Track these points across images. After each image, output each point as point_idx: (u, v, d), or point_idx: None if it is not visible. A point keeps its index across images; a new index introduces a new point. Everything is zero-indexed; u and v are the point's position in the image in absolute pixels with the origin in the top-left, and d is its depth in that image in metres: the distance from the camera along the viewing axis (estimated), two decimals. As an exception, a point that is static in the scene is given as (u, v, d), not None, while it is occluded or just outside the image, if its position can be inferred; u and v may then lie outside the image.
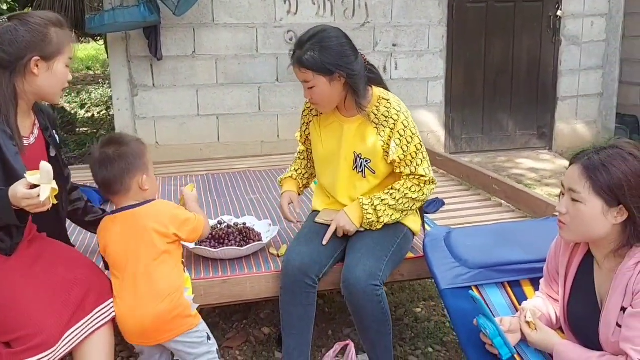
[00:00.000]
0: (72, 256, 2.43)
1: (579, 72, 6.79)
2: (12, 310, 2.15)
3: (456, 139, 6.67)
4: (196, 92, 5.74)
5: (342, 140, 2.68)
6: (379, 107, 2.62)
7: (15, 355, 2.11)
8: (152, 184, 2.31)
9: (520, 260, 2.50)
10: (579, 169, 1.93)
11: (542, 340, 2.08)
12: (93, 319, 2.28)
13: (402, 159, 2.60)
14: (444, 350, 3.08)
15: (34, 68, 2.20)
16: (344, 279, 2.49)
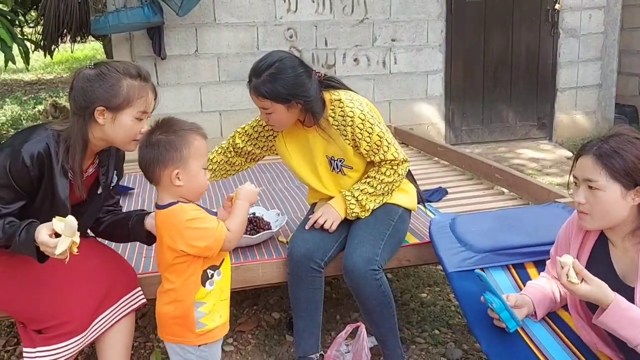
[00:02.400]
0: (98, 248, 2.52)
1: (577, 64, 6.84)
2: (43, 301, 2.25)
3: (456, 130, 6.73)
4: (199, 90, 5.82)
5: (311, 148, 2.76)
6: (334, 109, 2.67)
7: (46, 340, 2.21)
8: (189, 180, 2.07)
9: (525, 244, 2.58)
10: (591, 159, 1.99)
11: (596, 292, 1.93)
12: (119, 307, 2.40)
13: (369, 150, 2.66)
14: (450, 332, 3.15)
15: (98, 117, 2.20)
16: (344, 266, 2.58)
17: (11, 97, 10.97)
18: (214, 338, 2.15)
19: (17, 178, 2.13)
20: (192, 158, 2.05)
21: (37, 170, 2.14)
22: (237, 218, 2.15)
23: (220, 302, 2.14)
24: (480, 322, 2.33)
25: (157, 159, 2.04)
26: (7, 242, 2.13)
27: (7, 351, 3.11)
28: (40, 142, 2.16)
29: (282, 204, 3.53)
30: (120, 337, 2.43)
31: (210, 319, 2.11)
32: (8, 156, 2.13)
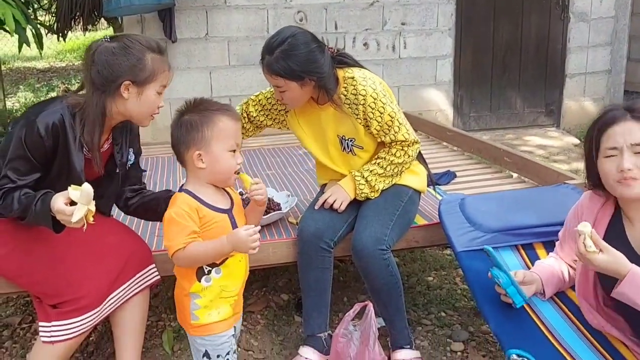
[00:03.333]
0: (113, 225, 2.56)
1: (587, 49, 6.81)
2: (58, 277, 2.29)
3: (464, 117, 6.72)
4: (209, 74, 5.83)
5: (323, 127, 2.77)
6: (347, 87, 2.67)
7: (62, 315, 2.26)
8: (212, 163, 2.02)
9: (534, 224, 2.59)
10: (634, 122, 1.96)
11: (613, 262, 1.91)
12: (134, 283, 2.44)
13: (380, 130, 2.66)
14: (456, 314, 3.17)
15: (124, 92, 2.21)
16: (353, 246, 2.60)
17: (24, 84, 11.02)
18: (211, 332, 2.09)
19: (32, 149, 2.16)
20: (215, 139, 2.00)
21: (52, 140, 2.17)
22: (204, 249, 1.99)
23: (220, 299, 2.08)
24: (488, 301, 2.36)
25: (180, 139, 2.03)
26: (23, 214, 2.16)
27: (22, 328, 3.15)
28: (55, 113, 2.18)
29: (291, 187, 3.56)
30: (135, 313, 2.48)
31: (205, 314, 2.07)
32: (23, 127, 2.16)
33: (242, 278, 2.16)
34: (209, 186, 2.07)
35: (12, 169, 2.18)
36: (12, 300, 3.43)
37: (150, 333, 3.01)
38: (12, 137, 2.19)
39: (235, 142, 2.04)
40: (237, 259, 2.10)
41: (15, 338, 3.07)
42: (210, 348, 2.11)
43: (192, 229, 1.98)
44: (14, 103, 9.37)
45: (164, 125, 5.96)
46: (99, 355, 2.91)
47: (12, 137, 2.19)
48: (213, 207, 2.04)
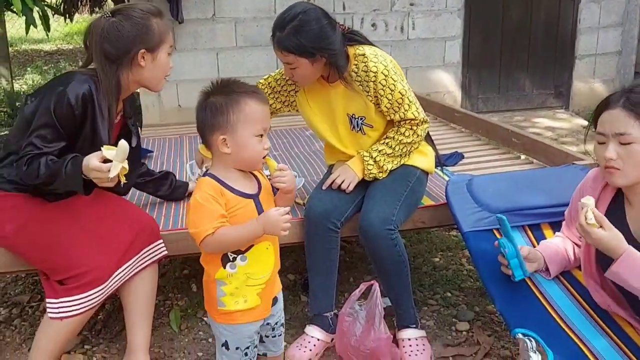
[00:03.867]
0: (122, 203, 2.60)
1: (597, 30, 6.75)
2: (66, 252, 2.32)
3: (473, 98, 6.70)
4: (216, 55, 5.80)
5: (332, 106, 2.76)
6: (358, 64, 2.66)
7: (69, 291, 2.29)
8: (237, 148, 1.93)
9: (541, 205, 2.59)
10: (620, 112, 1.93)
11: (611, 239, 1.91)
12: (141, 257, 2.48)
13: (390, 107, 2.65)
14: (461, 295, 3.19)
15: (140, 60, 2.29)
16: (360, 226, 2.60)
17: (32, 66, 11.07)
18: (236, 320, 2.03)
19: (61, 118, 2.19)
20: (241, 124, 1.91)
21: (81, 110, 2.21)
22: (234, 233, 1.93)
23: (246, 287, 2.00)
24: (494, 281, 2.36)
25: (205, 122, 1.95)
26: (50, 178, 2.19)
27: (31, 307, 3.19)
28: (84, 83, 2.23)
29: (298, 168, 3.57)
30: (144, 287, 2.51)
31: (232, 301, 2.00)
32: (53, 96, 2.20)
33: (271, 267, 2.05)
34: (235, 171, 1.99)
35: (38, 137, 2.20)
36: (20, 279, 3.47)
37: (157, 312, 3.03)
38: (36, 111, 2.22)
39: (262, 126, 1.94)
40: (263, 247, 2.01)
41: (24, 316, 3.11)
42: (231, 339, 2.07)
43: (220, 212, 1.91)
44: (21, 85, 9.41)
45: (171, 107, 6.01)
46: (107, 332, 2.95)
47: (36, 111, 2.22)
48: (238, 191, 1.97)
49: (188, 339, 2.89)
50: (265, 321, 2.13)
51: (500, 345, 2.76)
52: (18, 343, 2.88)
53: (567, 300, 2.30)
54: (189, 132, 4.54)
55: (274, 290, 2.14)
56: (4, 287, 3.41)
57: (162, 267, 3.47)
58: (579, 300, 2.30)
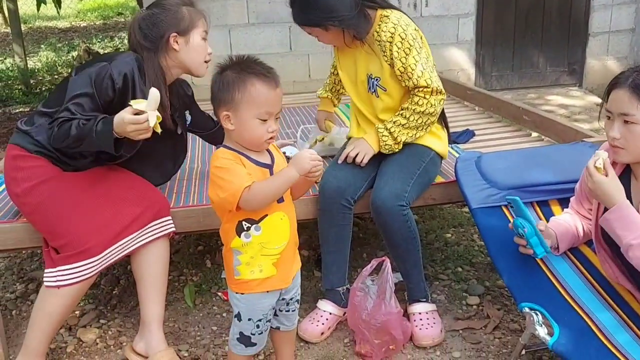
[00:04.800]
0: (134, 180, 2.63)
1: (611, 7, 6.68)
2: (65, 219, 2.38)
3: (486, 76, 6.68)
4: (228, 32, 5.82)
5: (356, 66, 2.82)
6: (380, 25, 2.70)
7: (65, 259, 2.35)
8: (240, 126, 1.95)
9: (549, 181, 2.60)
10: (627, 91, 1.95)
11: (611, 186, 1.99)
12: (148, 230, 2.52)
13: (403, 72, 2.67)
14: (472, 270, 3.23)
15: (173, 44, 2.44)
16: (372, 201, 2.63)
17: (46, 43, 11.11)
18: (251, 289, 2.06)
19: (100, 89, 2.32)
20: (244, 104, 1.92)
21: (122, 85, 2.33)
22: (270, 183, 1.96)
23: (261, 256, 2.02)
24: (502, 256, 2.40)
25: (214, 95, 1.98)
26: (79, 140, 2.29)
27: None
28: (128, 64, 2.37)
29: (309, 145, 3.57)
30: (153, 259, 2.55)
31: (247, 270, 2.03)
32: (96, 68, 2.33)
33: (286, 237, 2.06)
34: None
35: (75, 104, 2.31)
36: (36, 255, 3.54)
37: (172, 287, 3.09)
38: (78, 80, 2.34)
39: (266, 110, 1.93)
40: (277, 217, 2.03)
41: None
42: (244, 310, 2.09)
43: (246, 171, 1.94)
44: (35, 62, 9.45)
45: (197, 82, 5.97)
46: (123, 307, 3.01)
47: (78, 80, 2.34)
48: (254, 160, 1.99)
49: (202, 314, 2.94)
50: (281, 296, 2.16)
51: (510, 318, 2.80)
52: (36, 317, 2.95)
53: (574, 275, 2.34)
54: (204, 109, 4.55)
55: (293, 265, 2.17)
56: (20, 263, 3.49)
57: (176, 244, 3.53)
58: (586, 276, 2.34)
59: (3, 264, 3.46)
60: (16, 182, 2.45)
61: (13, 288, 3.22)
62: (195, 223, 2.70)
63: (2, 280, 3.29)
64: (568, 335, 2.11)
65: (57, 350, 2.71)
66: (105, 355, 2.67)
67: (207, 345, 2.70)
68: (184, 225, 2.68)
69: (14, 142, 2.49)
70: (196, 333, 2.80)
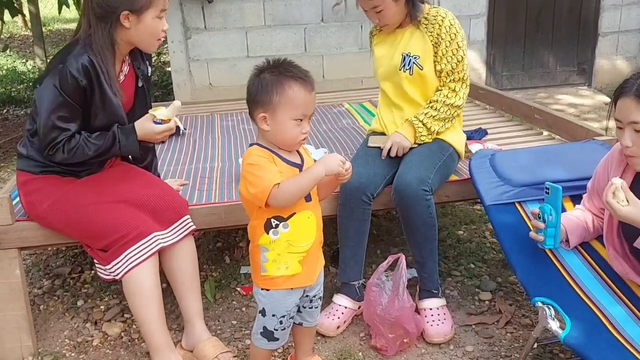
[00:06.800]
0: (148, 178, 2.70)
1: (621, 7, 6.74)
2: (100, 222, 2.42)
3: (497, 75, 6.74)
4: (245, 34, 5.91)
5: (395, 45, 2.94)
6: (429, 12, 2.88)
7: (114, 254, 2.39)
8: (275, 127, 1.99)
9: (562, 178, 2.62)
10: (633, 99, 1.97)
11: (637, 213, 1.98)
12: (174, 230, 2.56)
13: (445, 54, 2.84)
14: (484, 266, 3.29)
15: (124, 21, 2.35)
16: (396, 185, 2.69)
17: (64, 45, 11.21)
18: (277, 286, 2.11)
19: (69, 93, 2.31)
20: (281, 105, 1.96)
21: (86, 79, 2.32)
22: (298, 180, 1.99)
23: (287, 254, 2.07)
24: (516, 251, 2.44)
25: (251, 97, 2.02)
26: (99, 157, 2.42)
27: (72, 278, 3.35)
28: (81, 55, 2.33)
29: (327, 144, 3.66)
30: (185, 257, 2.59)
31: (274, 267, 2.08)
32: (54, 76, 2.30)
33: (313, 236, 2.11)
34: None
35: (58, 119, 2.33)
36: (61, 251, 3.63)
37: (193, 282, 3.16)
38: (44, 92, 2.32)
39: (302, 112, 1.98)
40: (305, 215, 2.07)
41: (65, 287, 3.26)
42: (269, 306, 2.15)
43: (277, 169, 1.99)
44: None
45: (202, 85, 6.14)
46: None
47: (44, 92, 2.32)
48: (285, 159, 2.04)
49: (222, 308, 3.01)
50: (305, 293, 2.22)
51: (521, 314, 2.86)
52: (61, 312, 3.03)
53: (586, 270, 2.38)
54: (220, 110, 4.66)
55: (318, 263, 2.22)
56: (46, 260, 3.57)
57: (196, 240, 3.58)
58: (597, 270, 2.38)
59: (30, 261, 3.55)
60: (34, 206, 2.51)
61: (40, 284, 3.30)
62: (217, 220, 2.77)
63: (30, 276, 3.37)
64: (580, 329, 2.14)
65: (84, 343, 2.79)
66: (130, 349, 2.74)
67: (228, 339, 2.76)
68: (206, 222, 2.75)
69: (19, 168, 2.54)
70: (217, 327, 2.86)
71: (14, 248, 2.59)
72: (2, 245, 2.57)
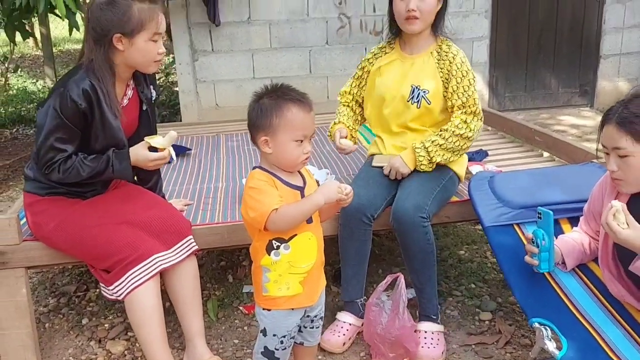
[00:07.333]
0: (151, 199, 2.74)
1: (622, 30, 6.81)
2: (106, 242, 2.47)
3: (500, 97, 6.80)
4: (251, 56, 6.01)
5: (402, 75, 2.93)
6: (442, 45, 2.91)
7: (116, 275, 2.44)
8: (277, 149, 2.04)
9: (560, 201, 2.67)
10: (615, 127, 2.06)
11: (636, 237, 2.00)
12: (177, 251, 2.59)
13: (456, 90, 2.83)
14: (485, 286, 3.32)
15: (117, 44, 2.38)
16: (394, 212, 2.72)
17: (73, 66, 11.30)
18: (278, 306, 2.13)
19: (68, 116, 2.36)
20: (281, 128, 2.01)
21: (86, 103, 2.36)
22: (297, 207, 2.04)
23: (289, 275, 2.10)
24: (514, 272, 2.48)
25: (252, 122, 2.07)
26: (92, 178, 2.45)
27: (77, 296, 3.39)
28: (82, 79, 2.38)
29: (330, 165, 3.71)
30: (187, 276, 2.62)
31: (275, 288, 2.11)
32: (57, 98, 2.36)
33: (314, 257, 2.14)
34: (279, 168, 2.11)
35: (56, 140, 2.38)
36: (67, 270, 3.67)
37: (196, 301, 3.20)
38: (46, 114, 2.38)
39: (302, 133, 2.03)
40: (306, 237, 2.11)
41: (71, 305, 3.29)
42: (270, 325, 2.17)
43: (278, 193, 2.03)
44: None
45: (209, 106, 6.22)
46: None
47: (46, 114, 2.38)
48: (287, 182, 2.08)
49: (225, 327, 3.03)
50: (306, 313, 2.25)
51: (521, 334, 2.88)
52: (66, 330, 3.06)
53: (583, 291, 2.41)
54: (226, 130, 4.71)
55: (319, 283, 2.25)
56: (52, 278, 3.61)
57: (199, 259, 3.62)
58: (594, 292, 2.40)
59: (36, 279, 3.59)
60: (40, 227, 2.57)
61: (46, 302, 3.34)
62: (220, 239, 2.81)
63: (35, 294, 3.41)
64: (576, 350, 2.17)
65: (88, 361, 2.83)
66: (134, 366, 2.77)
67: (230, 358, 2.79)
68: (208, 241, 2.79)
69: (26, 189, 2.60)
70: (219, 345, 2.88)
71: (21, 267, 2.63)
72: (10, 265, 2.61)
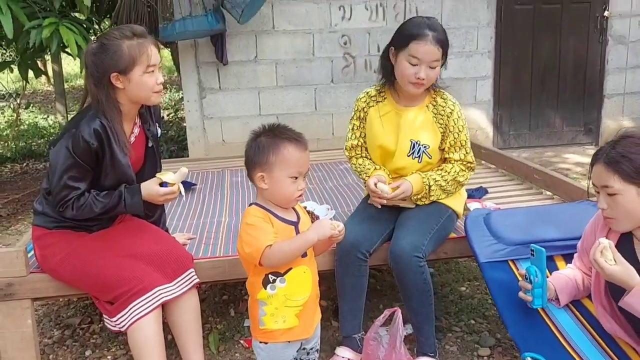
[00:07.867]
0: (154, 233, 2.80)
1: (625, 71, 6.88)
2: (110, 275, 2.54)
3: (504, 135, 6.86)
4: (258, 94, 6.13)
5: (400, 129, 2.95)
6: (436, 98, 2.96)
7: (119, 307, 2.50)
8: (273, 186, 2.13)
9: (554, 238, 2.73)
10: (602, 166, 2.13)
11: (623, 273, 2.06)
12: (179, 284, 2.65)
13: (453, 145, 2.91)
14: (485, 322, 3.33)
15: (116, 82, 2.49)
16: (391, 251, 2.77)
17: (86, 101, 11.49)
18: (275, 339, 2.18)
19: (81, 155, 2.45)
20: (277, 165, 2.10)
21: (98, 143, 2.46)
22: (290, 244, 2.11)
23: (285, 308, 2.15)
24: (508, 308, 2.53)
25: (249, 159, 2.16)
26: (105, 213, 2.55)
27: (82, 328, 3.43)
28: (93, 119, 2.48)
29: (331, 200, 3.77)
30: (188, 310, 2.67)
31: (272, 321, 2.15)
32: (70, 138, 2.46)
33: (309, 290, 2.20)
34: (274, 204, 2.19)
35: (69, 178, 2.48)
36: (72, 302, 3.72)
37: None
38: (59, 154, 2.47)
39: (297, 170, 2.12)
40: (301, 270, 2.17)
41: (75, 337, 3.34)
42: (267, 358, 2.22)
43: (272, 230, 2.11)
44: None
45: (215, 142, 6.33)
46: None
47: (59, 154, 2.47)
48: (282, 218, 2.16)
49: (226, 360, 3.07)
50: (302, 346, 2.29)
51: (517, 369, 2.91)
52: (70, 361, 3.11)
53: (576, 327, 2.45)
54: (231, 166, 4.80)
55: (314, 316, 2.30)
56: (57, 310, 3.66)
57: (202, 293, 3.67)
58: (586, 327, 2.44)
59: (41, 311, 3.64)
60: (47, 259, 2.65)
61: (50, 334, 3.38)
62: (221, 273, 2.87)
63: (41, 326, 3.45)
64: (568, 384, 2.20)
65: (91, 392, 2.87)
66: (136, 398, 2.82)
67: (230, 390, 2.83)
68: (210, 275, 2.85)
69: (34, 223, 2.68)
70: (220, 378, 2.92)
71: (27, 299, 2.69)
72: (16, 296, 2.67)
